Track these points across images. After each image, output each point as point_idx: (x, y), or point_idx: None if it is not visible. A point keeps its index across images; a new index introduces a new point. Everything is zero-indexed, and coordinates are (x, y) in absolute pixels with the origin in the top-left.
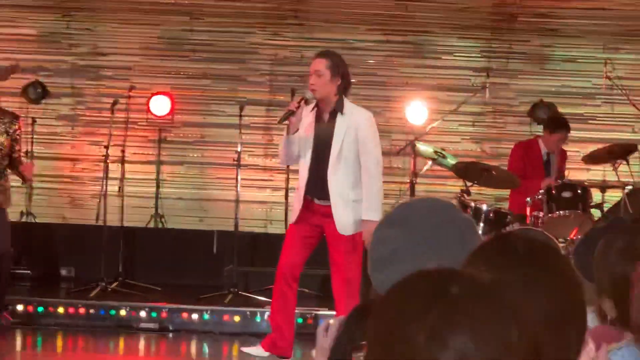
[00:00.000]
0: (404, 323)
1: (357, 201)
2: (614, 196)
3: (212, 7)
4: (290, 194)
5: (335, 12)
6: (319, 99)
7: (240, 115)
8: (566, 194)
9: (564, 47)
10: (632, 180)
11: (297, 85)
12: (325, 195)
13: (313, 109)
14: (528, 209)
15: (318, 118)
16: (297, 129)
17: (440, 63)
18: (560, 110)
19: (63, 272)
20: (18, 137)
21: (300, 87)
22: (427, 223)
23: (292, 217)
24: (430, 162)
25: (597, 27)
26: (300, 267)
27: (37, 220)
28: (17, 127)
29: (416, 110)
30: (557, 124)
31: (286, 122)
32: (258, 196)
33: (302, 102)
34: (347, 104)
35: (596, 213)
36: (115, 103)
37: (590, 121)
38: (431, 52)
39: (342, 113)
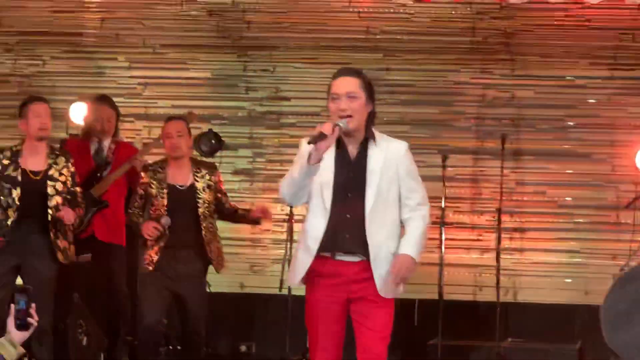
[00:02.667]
0: None
1: (395, 254)
2: None
3: (409, 43)
4: (504, 256)
5: (551, 45)
6: (352, 129)
7: (444, 166)
8: None
9: None
10: None
11: (508, 130)
12: (355, 248)
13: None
14: None
15: (341, 154)
16: (321, 160)
17: None
18: None
19: (242, 348)
20: (222, 187)
21: (512, 131)
22: None
23: (290, 280)
24: None
25: None
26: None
27: (212, 290)
28: (217, 177)
29: None
30: None
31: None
32: (465, 259)
33: (334, 128)
34: (377, 133)
35: None
36: None
37: None
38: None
39: (375, 143)
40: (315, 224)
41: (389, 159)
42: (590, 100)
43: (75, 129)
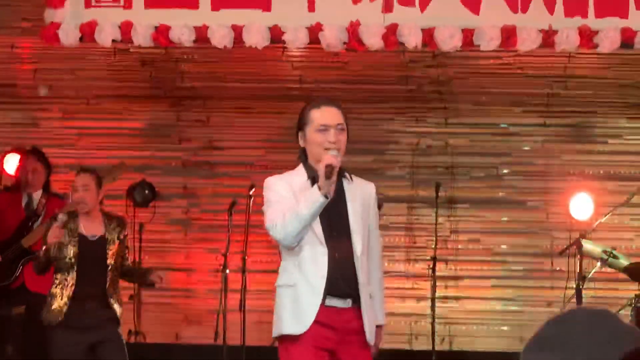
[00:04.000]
0: None
1: (372, 298)
2: None
3: (343, 91)
4: (440, 304)
5: (484, 93)
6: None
7: (381, 215)
8: None
9: None
10: None
11: (443, 178)
12: (346, 292)
13: (308, 176)
14: None
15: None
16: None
17: (608, 148)
18: None
19: None
20: (127, 244)
21: (446, 179)
22: (585, 344)
23: (293, 328)
24: (598, 264)
25: None
26: None
27: (148, 341)
28: (127, 232)
29: (581, 204)
30: None
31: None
32: (400, 307)
33: (338, 158)
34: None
35: None
36: (233, 204)
37: None
38: (596, 136)
39: (350, 179)
40: (317, 262)
41: (364, 200)
42: (524, 148)
43: (10, 180)
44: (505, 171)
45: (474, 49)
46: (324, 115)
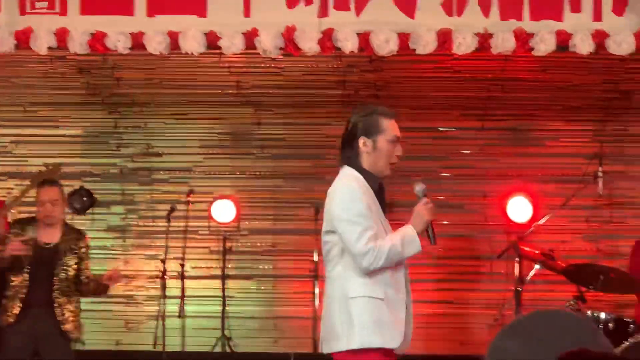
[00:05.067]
0: None
1: None
2: None
3: (281, 97)
4: None
5: (423, 97)
6: None
7: (317, 219)
8: None
9: None
10: None
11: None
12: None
13: (371, 187)
14: None
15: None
16: None
17: (545, 151)
18: None
19: None
20: (87, 255)
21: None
22: (549, 337)
23: (388, 342)
24: (537, 266)
25: None
26: None
27: (87, 348)
28: (85, 243)
29: (519, 206)
30: None
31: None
32: None
33: None
34: None
35: None
36: (172, 210)
37: None
38: (534, 139)
39: None
40: (396, 276)
41: None
42: (463, 151)
43: None
44: (444, 174)
45: (411, 53)
46: (395, 127)
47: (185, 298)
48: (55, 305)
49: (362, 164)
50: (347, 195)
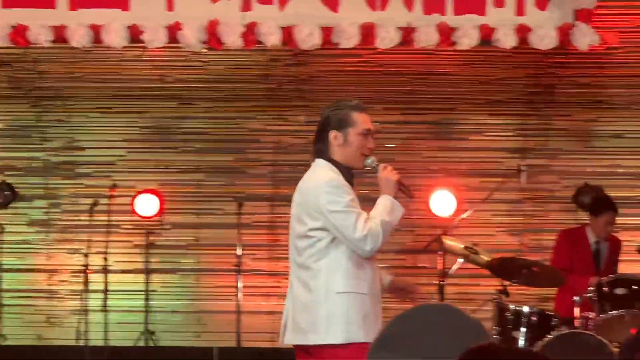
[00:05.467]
0: None
1: None
2: None
3: (204, 90)
4: None
5: (346, 90)
6: None
7: (239, 213)
8: (620, 291)
9: (611, 121)
10: None
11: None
12: None
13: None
14: (577, 310)
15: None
16: None
17: (469, 145)
18: (609, 193)
19: None
20: None
21: None
22: (427, 340)
23: (370, 336)
24: (460, 260)
25: None
26: None
27: (9, 343)
28: None
29: (442, 200)
30: (602, 205)
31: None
32: (263, 305)
33: None
34: None
35: None
36: (95, 204)
37: None
38: (457, 133)
39: None
40: (374, 272)
41: None
42: (386, 145)
43: None
44: (367, 168)
45: (334, 47)
46: (367, 120)
47: (108, 292)
48: None
49: (334, 156)
50: (332, 187)
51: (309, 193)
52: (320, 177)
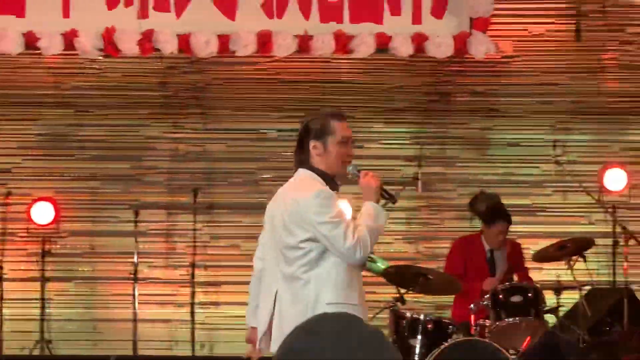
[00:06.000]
0: None
1: None
2: (570, 299)
3: (100, 98)
4: (198, 310)
5: (243, 98)
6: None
7: (136, 221)
8: (515, 298)
9: (507, 130)
10: (590, 279)
11: (201, 184)
12: None
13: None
14: (472, 317)
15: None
16: None
17: (365, 152)
18: (505, 201)
19: None
20: None
21: (204, 185)
22: (333, 353)
23: None
24: None
25: (544, 105)
26: None
27: None
28: None
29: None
30: (495, 215)
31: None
32: (160, 314)
33: None
34: None
35: (551, 319)
36: None
37: (540, 213)
38: (354, 141)
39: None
40: (360, 283)
41: None
42: (283, 153)
43: None
44: (264, 176)
45: (231, 55)
46: (345, 128)
47: (3, 301)
48: None
49: (317, 166)
50: (320, 198)
51: (298, 204)
52: (308, 188)
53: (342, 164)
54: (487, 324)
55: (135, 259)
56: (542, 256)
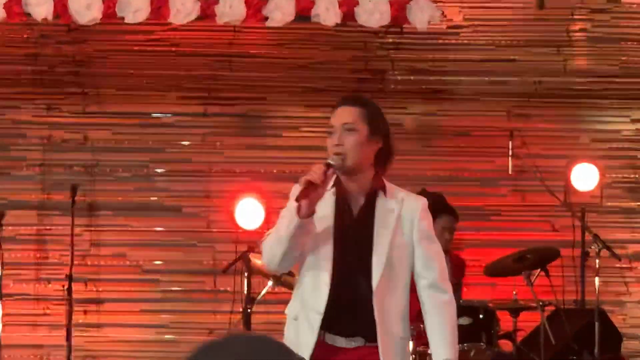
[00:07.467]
0: None
1: (404, 339)
2: (530, 321)
3: None
4: (77, 333)
5: (133, 75)
6: (349, 168)
7: (1, 225)
8: (463, 321)
9: (455, 115)
10: (553, 299)
11: (81, 180)
12: (357, 330)
13: (332, 188)
14: (410, 343)
15: (342, 203)
16: (314, 212)
17: (283, 142)
18: (452, 202)
19: None
20: None
21: (85, 181)
22: None
23: None
24: (270, 282)
25: (499, 86)
26: None
27: None
28: None
29: (249, 210)
30: (438, 208)
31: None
32: (29, 337)
33: (327, 171)
34: (388, 183)
35: (506, 345)
36: None
37: (494, 217)
38: (268, 128)
39: (385, 195)
40: (312, 293)
41: (402, 219)
42: (182, 142)
43: None
44: (158, 171)
45: (118, 22)
46: (333, 115)
47: None
48: None
49: None
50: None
51: None
52: None
53: (331, 156)
54: (429, 352)
55: None
56: (496, 269)
